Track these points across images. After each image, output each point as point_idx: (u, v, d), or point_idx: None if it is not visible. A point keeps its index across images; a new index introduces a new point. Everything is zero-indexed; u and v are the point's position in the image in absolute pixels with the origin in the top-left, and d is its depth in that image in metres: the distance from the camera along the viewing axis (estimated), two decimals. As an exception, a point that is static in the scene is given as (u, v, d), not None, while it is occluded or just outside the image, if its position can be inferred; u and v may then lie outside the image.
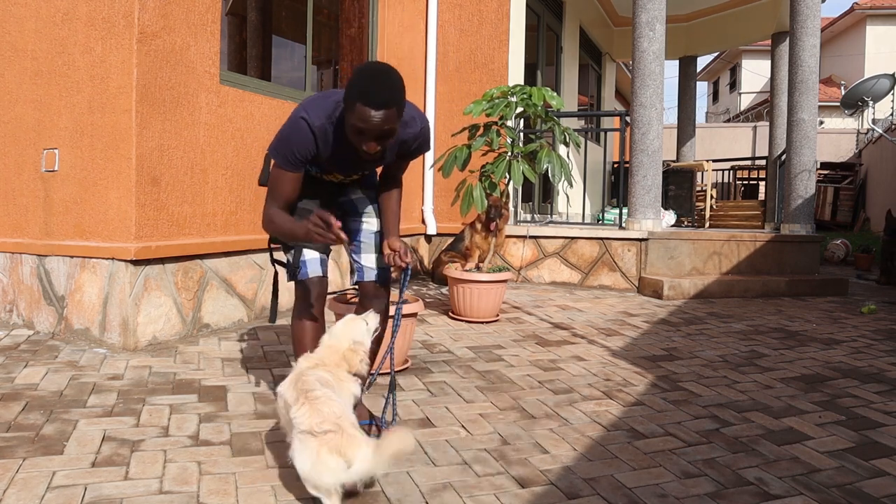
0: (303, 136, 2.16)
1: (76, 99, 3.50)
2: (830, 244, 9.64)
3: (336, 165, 2.34)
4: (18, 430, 2.36)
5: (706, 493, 2.03)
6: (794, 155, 6.65)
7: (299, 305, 2.44)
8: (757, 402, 2.91)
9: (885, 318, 5.00)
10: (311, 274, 2.40)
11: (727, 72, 28.01)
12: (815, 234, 6.64)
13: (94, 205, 3.47)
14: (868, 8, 20.50)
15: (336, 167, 2.36)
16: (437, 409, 2.71)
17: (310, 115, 2.16)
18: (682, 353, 3.71)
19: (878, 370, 3.47)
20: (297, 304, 2.44)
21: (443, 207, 6.27)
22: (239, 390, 2.87)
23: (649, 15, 5.78)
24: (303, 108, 2.19)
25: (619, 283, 5.78)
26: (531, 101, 4.33)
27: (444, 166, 4.34)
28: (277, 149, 2.20)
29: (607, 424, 2.59)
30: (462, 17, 6.30)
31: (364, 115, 2.00)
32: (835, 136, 16.70)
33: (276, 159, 2.21)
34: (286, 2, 5.05)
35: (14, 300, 3.87)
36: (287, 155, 2.18)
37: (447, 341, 3.84)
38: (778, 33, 9.19)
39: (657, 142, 5.81)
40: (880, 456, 2.34)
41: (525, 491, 2.02)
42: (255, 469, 2.12)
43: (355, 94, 2.00)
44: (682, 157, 11.12)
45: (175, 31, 3.51)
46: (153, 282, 3.46)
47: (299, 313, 2.43)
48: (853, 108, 7.89)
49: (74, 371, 3.05)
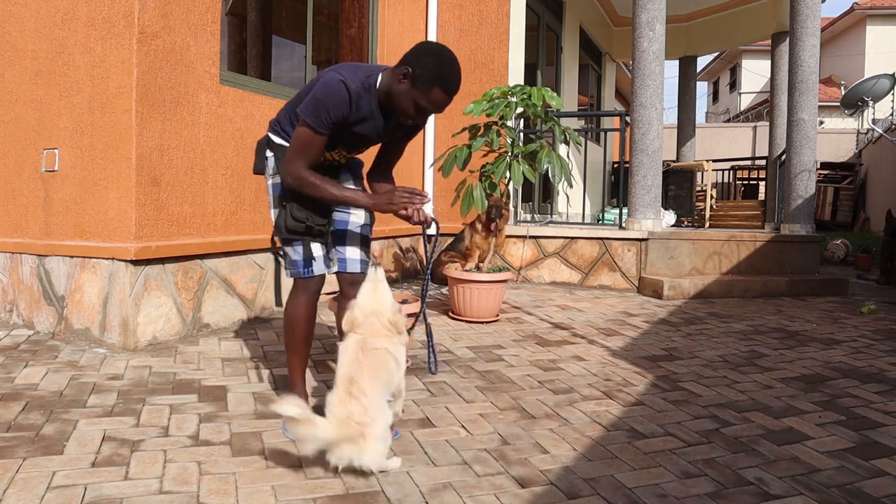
0: (341, 98, 2.21)
1: (76, 99, 3.51)
2: (830, 244, 9.64)
3: (351, 137, 2.39)
4: (18, 430, 2.36)
5: (706, 493, 2.03)
6: (794, 155, 6.65)
7: (303, 299, 2.48)
8: (757, 402, 2.91)
9: (885, 318, 5.00)
10: (316, 272, 2.46)
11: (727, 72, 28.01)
12: (815, 234, 6.64)
13: (94, 205, 3.47)
14: (868, 8, 20.50)
15: (350, 139, 2.40)
16: (437, 409, 2.71)
17: (347, 78, 2.21)
18: (682, 353, 3.71)
19: (878, 370, 3.47)
20: (301, 298, 2.48)
21: (443, 207, 6.27)
22: (239, 390, 2.87)
23: (649, 15, 5.78)
24: (337, 72, 2.23)
25: (619, 283, 5.78)
26: (531, 101, 4.33)
27: (444, 166, 4.34)
28: (314, 110, 2.21)
29: (607, 424, 2.59)
30: (462, 17, 6.30)
31: (440, 100, 2.22)
32: (835, 136, 16.70)
33: (310, 120, 2.22)
34: (286, 2, 5.05)
35: (14, 300, 3.87)
36: (323, 116, 2.21)
37: (447, 341, 3.84)
38: (778, 33, 9.20)
39: (657, 142, 5.82)
40: (880, 456, 2.34)
41: (525, 491, 2.02)
42: (255, 469, 2.11)
43: (436, 79, 2.18)
44: (682, 157, 11.12)
45: (175, 31, 3.51)
46: (153, 282, 3.46)
47: (302, 307, 2.48)
48: (853, 108, 7.89)
49: (74, 371, 3.05)
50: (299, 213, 2.39)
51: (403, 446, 2.31)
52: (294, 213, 2.38)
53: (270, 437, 2.36)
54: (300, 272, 2.46)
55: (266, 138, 2.50)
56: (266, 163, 2.49)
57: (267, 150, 2.48)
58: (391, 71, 2.27)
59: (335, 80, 2.21)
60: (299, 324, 2.48)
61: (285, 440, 2.34)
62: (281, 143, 2.45)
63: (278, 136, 2.46)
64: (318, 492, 1.98)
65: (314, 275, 2.46)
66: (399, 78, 2.22)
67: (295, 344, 2.50)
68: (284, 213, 2.40)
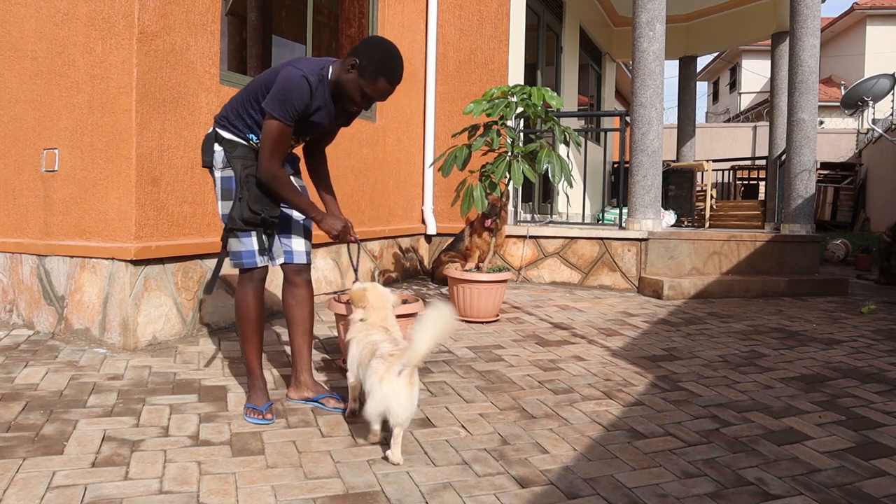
0: (303, 90, 2.37)
1: (76, 99, 3.50)
2: (830, 244, 9.64)
3: (307, 126, 2.53)
4: (18, 430, 2.36)
5: (706, 493, 2.03)
6: (794, 155, 6.65)
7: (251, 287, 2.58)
8: (757, 402, 2.91)
9: (885, 318, 5.00)
10: (263, 263, 2.57)
11: (727, 72, 28.01)
12: (815, 234, 6.64)
13: (94, 205, 3.47)
14: (868, 8, 20.50)
15: (305, 127, 2.54)
16: (437, 409, 2.71)
17: (306, 71, 2.38)
18: (682, 353, 3.71)
19: (878, 370, 3.47)
20: (248, 287, 2.58)
21: (443, 207, 6.27)
22: (239, 390, 2.87)
23: (649, 15, 5.78)
24: (295, 66, 2.38)
25: (619, 283, 5.78)
26: (531, 101, 4.32)
27: (443, 165, 4.34)
28: (280, 104, 2.35)
29: (607, 424, 2.59)
30: (462, 17, 6.30)
31: (384, 89, 2.41)
32: (835, 136, 16.69)
33: (277, 113, 2.35)
34: (286, 2, 5.05)
35: (14, 300, 3.87)
36: (289, 108, 2.36)
37: (447, 341, 3.84)
38: (778, 33, 9.19)
39: (657, 142, 5.81)
40: (880, 456, 2.34)
41: (525, 491, 2.02)
42: (255, 469, 2.12)
43: (381, 69, 2.37)
44: (682, 157, 11.12)
45: (175, 31, 3.51)
46: (153, 282, 3.46)
47: (252, 296, 2.59)
48: (853, 108, 7.89)
49: (74, 371, 3.05)
50: (256, 206, 2.47)
51: (403, 446, 2.30)
52: (251, 205, 2.46)
53: (270, 437, 2.36)
54: (252, 262, 2.54)
55: (213, 133, 2.56)
56: (214, 157, 2.54)
57: (215, 145, 2.53)
58: (340, 62, 2.45)
59: (297, 74, 2.35)
60: (251, 312, 2.58)
61: (285, 440, 2.35)
62: (231, 138, 2.52)
63: (226, 130, 2.53)
64: (318, 492, 1.98)
65: (262, 265, 2.57)
66: (348, 68, 2.40)
67: (249, 333, 2.60)
68: (240, 205, 2.47)
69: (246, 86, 2.54)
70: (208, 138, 2.57)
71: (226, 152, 2.51)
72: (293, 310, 2.71)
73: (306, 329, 2.74)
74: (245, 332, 2.61)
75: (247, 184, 2.47)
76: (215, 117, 2.60)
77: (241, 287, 2.59)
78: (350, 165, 5.07)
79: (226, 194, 2.52)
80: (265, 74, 2.47)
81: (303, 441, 2.35)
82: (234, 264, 2.57)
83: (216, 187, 2.55)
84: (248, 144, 2.53)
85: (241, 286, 2.60)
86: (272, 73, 2.43)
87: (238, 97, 2.54)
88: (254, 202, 2.47)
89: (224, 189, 2.52)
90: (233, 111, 2.53)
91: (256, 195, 2.48)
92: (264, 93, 2.42)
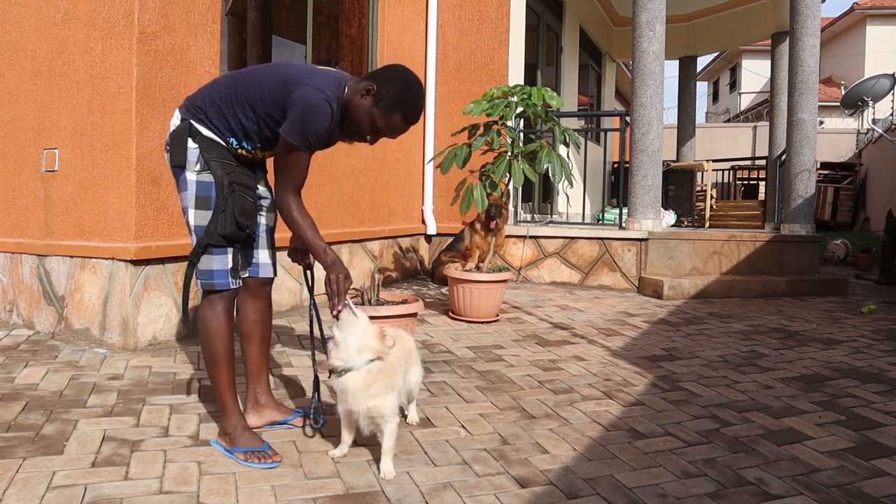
0: (327, 117, 2.11)
1: (76, 99, 3.50)
2: (830, 244, 9.64)
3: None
4: (18, 430, 2.36)
5: (706, 493, 2.03)
6: (794, 155, 6.65)
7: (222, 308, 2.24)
8: (757, 402, 2.91)
9: (885, 318, 5.00)
10: (233, 286, 2.26)
11: (727, 72, 28.00)
12: (815, 234, 6.64)
13: (94, 205, 3.47)
14: (868, 8, 20.50)
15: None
16: (437, 409, 2.71)
17: (329, 96, 2.10)
18: (682, 353, 3.71)
19: (878, 370, 3.47)
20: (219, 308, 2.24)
21: (442, 207, 6.27)
22: (239, 390, 2.86)
23: (649, 15, 5.78)
24: (319, 89, 2.09)
25: (619, 283, 5.78)
26: (531, 101, 4.32)
27: (443, 163, 4.34)
28: (301, 131, 2.09)
29: (607, 424, 2.59)
30: (462, 17, 6.30)
31: (397, 126, 2.18)
32: (835, 136, 16.70)
33: (297, 142, 2.10)
34: (286, 2, 5.05)
35: (14, 300, 3.87)
36: (310, 137, 2.11)
37: (447, 341, 3.84)
38: (778, 33, 9.19)
39: (657, 142, 5.82)
40: (880, 456, 2.34)
41: (525, 491, 2.02)
42: (255, 469, 2.11)
43: (399, 103, 2.13)
44: (682, 157, 11.12)
45: (175, 31, 3.51)
46: (153, 282, 3.46)
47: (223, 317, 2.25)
48: (853, 108, 7.89)
49: (74, 371, 3.05)
50: (243, 220, 2.19)
51: (403, 446, 2.30)
52: (239, 218, 2.17)
53: (270, 437, 2.35)
54: (225, 283, 2.21)
55: (186, 126, 2.18)
56: (187, 155, 2.16)
57: (189, 141, 2.16)
58: (355, 83, 2.19)
59: (320, 99, 2.08)
60: (224, 334, 2.23)
61: (285, 440, 2.35)
62: (210, 136, 2.19)
63: (205, 126, 2.19)
64: (318, 492, 1.98)
65: (235, 287, 2.26)
66: (362, 93, 2.14)
67: (220, 361, 2.24)
68: (223, 218, 2.15)
69: (231, 78, 2.21)
70: (179, 132, 2.17)
71: (202, 152, 2.16)
72: (253, 325, 2.42)
73: (265, 347, 2.49)
74: (215, 360, 2.24)
75: (233, 194, 2.16)
76: (183, 107, 2.22)
77: (211, 307, 2.23)
78: (350, 165, 5.07)
79: (202, 202, 2.16)
80: (265, 77, 2.16)
81: (302, 441, 2.35)
82: (203, 285, 2.21)
83: (186, 191, 2.17)
84: (227, 146, 2.22)
85: (209, 306, 2.23)
86: (280, 84, 2.12)
87: (219, 91, 2.19)
88: (241, 215, 2.17)
89: (200, 196, 2.16)
90: (212, 106, 2.17)
91: (243, 207, 2.18)
92: (269, 105, 2.13)
